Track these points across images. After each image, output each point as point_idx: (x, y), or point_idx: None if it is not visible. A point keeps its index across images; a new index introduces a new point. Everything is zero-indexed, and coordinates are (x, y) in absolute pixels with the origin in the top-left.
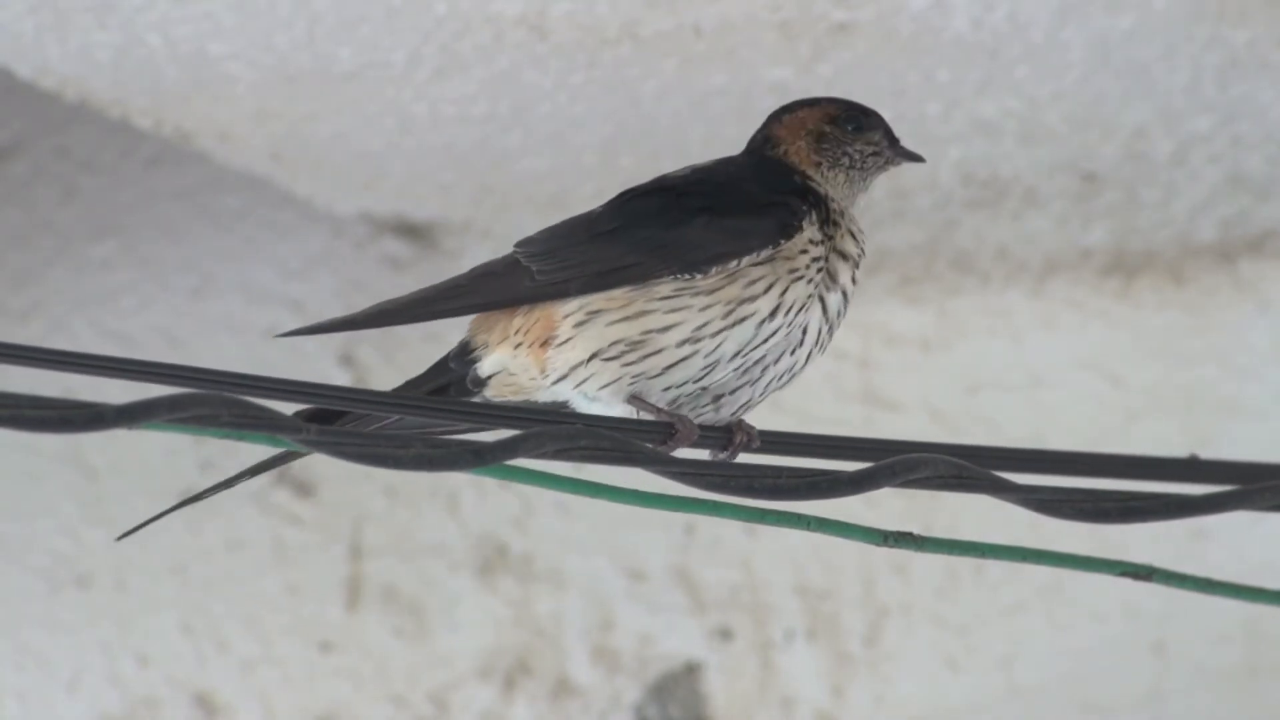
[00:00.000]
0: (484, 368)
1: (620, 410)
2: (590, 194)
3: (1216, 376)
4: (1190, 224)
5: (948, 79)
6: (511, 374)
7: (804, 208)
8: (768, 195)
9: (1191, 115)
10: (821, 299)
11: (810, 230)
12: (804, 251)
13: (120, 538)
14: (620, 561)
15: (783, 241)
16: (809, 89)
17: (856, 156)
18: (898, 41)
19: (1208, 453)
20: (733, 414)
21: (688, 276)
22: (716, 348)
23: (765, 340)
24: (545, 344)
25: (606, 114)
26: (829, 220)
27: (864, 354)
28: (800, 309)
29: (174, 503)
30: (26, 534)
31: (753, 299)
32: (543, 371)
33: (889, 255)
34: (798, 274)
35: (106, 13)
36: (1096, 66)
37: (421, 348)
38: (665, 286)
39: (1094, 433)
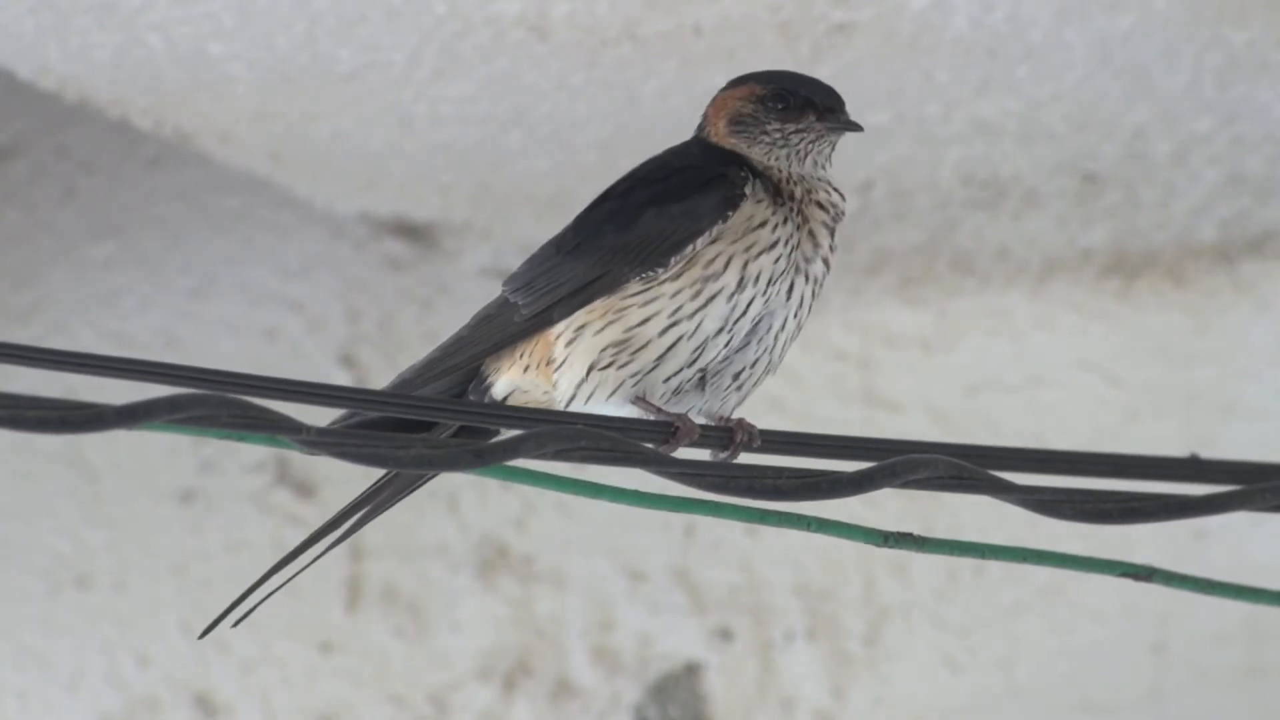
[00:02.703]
0: (497, 390)
1: (624, 411)
2: (590, 194)
3: (1216, 377)
4: (1190, 225)
5: (948, 79)
6: (525, 390)
7: (743, 174)
8: (706, 171)
9: (1191, 116)
10: (804, 268)
11: (757, 200)
12: (762, 224)
13: (202, 636)
14: (620, 562)
15: (729, 213)
16: None
17: (778, 136)
18: (898, 42)
19: (1208, 453)
20: (724, 392)
21: (651, 274)
22: (697, 328)
23: (744, 312)
24: (548, 364)
25: (606, 114)
26: (779, 191)
27: (864, 354)
28: (771, 280)
29: (173, 503)
30: (26, 534)
31: (715, 276)
32: (554, 386)
33: (889, 255)
34: (759, 248)
35: (106, 13)
36: (1096, 67)
37: (421, 348)
38: (634, 285)
39: (1094, 433)
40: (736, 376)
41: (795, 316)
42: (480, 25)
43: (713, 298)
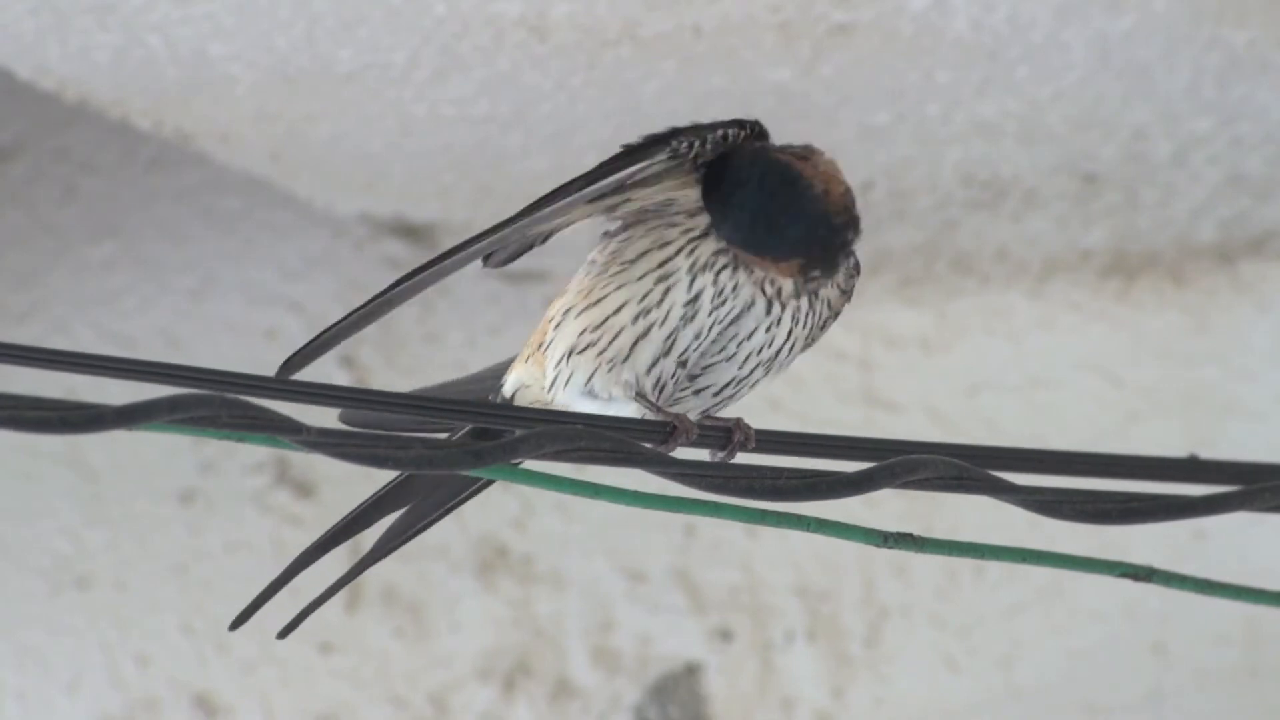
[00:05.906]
0: (506, 388)
1: (622, 410)
2: None
3: (1216, 377)
4: (1190, 225)
5: (948, 80)
6: (527, 386)
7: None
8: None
9: (1191, 116)
10: (763, 288)
11: (684, 181)
12: (681, 215)
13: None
14: (620, 562)
15: (661, 156)
16: (809, 90)
17: None
18: (898, 42)
19: (1208, 453)
20: (717, 396)
21: (606, 227)
22: (666, 315)
23: (697, 297)
24: (540, 349)
25: (606, 114)
26: None
27: (864, 355)
28: (718, 269)
29: (173, 503)
30: (26, 534)
31: (667, 260)
32: (544, 372)
33: (889, 256)
34: (686, 230)
35: (106, 14)
36: (1096, 67)
37: (422, 348)
38: (600, 257)
39: (1094, 433)
40: (718, 393)
41: (768, 331)
42: (480, 26)
43: (675, 283)
